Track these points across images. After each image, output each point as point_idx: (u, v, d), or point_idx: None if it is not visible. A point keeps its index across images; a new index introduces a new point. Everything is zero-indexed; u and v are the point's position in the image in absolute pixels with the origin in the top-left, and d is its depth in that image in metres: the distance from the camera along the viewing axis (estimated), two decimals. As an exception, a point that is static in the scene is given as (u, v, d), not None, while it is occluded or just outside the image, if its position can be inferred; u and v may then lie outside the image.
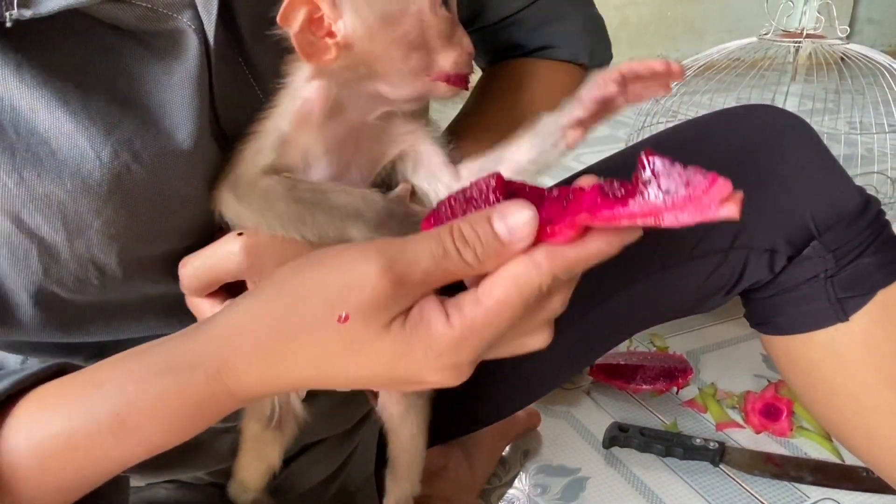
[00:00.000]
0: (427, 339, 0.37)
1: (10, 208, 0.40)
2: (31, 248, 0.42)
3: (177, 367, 0.38)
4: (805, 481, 0.94)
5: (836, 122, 1.83)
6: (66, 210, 0.41)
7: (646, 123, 1.60)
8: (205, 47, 0.44)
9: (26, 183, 0.40)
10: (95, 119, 0.41)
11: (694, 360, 1.20)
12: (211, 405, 0.39)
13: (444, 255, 0.36)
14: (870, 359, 0.67)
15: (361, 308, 0.36)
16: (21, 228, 0.41)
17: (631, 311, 0.73)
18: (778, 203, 0.66)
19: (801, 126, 0.69)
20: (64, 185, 0.41)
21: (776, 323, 0.71)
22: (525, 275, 0.36)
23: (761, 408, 1.05)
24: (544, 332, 0.42)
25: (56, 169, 0.40)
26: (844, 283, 0.66)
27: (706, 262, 0.68)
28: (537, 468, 0.98)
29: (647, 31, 3.71)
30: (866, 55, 1.53)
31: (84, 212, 0.42)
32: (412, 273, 0.36)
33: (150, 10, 0.43)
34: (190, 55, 0.44)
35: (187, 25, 0.44)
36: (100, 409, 0.39)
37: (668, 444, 0.98)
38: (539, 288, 0.37)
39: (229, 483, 0.60)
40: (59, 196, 0.41)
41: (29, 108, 0.40)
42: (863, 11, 4.12)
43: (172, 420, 0.39)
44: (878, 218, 0.67)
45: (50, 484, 0.40)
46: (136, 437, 0.39)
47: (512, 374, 0.78)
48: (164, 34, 0.44)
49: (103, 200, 0.42)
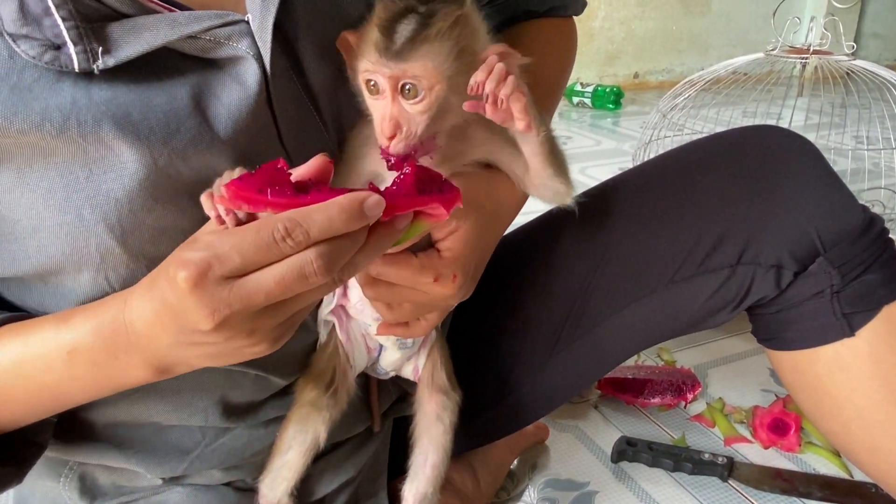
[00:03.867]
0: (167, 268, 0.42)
1: (76, 200, 0.47)
2: (90, 241, 0.48)
3: (115, 340, 0.47)
4: (814, 497, 0.94)
5: (842, 136, 1.83)
6: (122, 207, 0.47)
7: (652, 137, 1.61)
8: (263, 72, 0.50)
9: (94, 178, 0.46)
10: (155, 128, 0.47)
11: (702, 375, 1.20)
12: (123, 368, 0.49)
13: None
14: (876, 373, 0.67)
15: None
16: (82, 222, 0.47)
17: (638, 326, 0.73)
18: (783, 220, 0.67)
19: (804, 145, 0.70)
20: (124, 184, 0.47)
21: (782, 338, 0.71)
22: (266, 218, 0.41)
23: (769, 423, 1.05)
24: (260, 345, 0.45)
25: (118, 170, 0.46)
26: (850, 298, 0.66)
27: (713, 278, 0.69)
28: (545, 482, 0.97)
29: (652, 45, 3.72)
30: (872, 70, 1.53)
31: (138, 209, 0.48)
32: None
33: (212, 42, 0.48)
34: (249, 78, 0.49)
35: (246, 53, 0.49)
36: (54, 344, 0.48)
37: (676, 458, 0.98)
38: (277, 231, 0.40)
39: (260, 478, 0.62)
40: (116, 193, 0.47)
41: (94, 122, 0.45)
42: (868, 26, 4.13)
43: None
44: (882, 235, 0.68)
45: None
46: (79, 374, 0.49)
47: (520, 390, 0.78)
48: (225, 60, 0.49)
49: (154, 199, 0.48)
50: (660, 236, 0.70)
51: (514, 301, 0.77)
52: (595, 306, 0.73)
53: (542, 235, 0.78)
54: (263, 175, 0.41)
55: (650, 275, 0.71)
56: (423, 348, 0.66)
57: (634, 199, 0.73)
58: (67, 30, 0.43)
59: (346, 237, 0.41)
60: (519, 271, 0.77)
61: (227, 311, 0.41)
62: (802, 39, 1.67)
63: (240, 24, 0.49)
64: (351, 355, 0.63)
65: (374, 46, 0.48)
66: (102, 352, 0.48)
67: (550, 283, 0.75)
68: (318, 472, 0.68)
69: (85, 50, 0.43)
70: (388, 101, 0.49)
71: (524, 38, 0.77)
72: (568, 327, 0.74)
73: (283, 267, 0.40)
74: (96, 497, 0.65)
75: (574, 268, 0.74)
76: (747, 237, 0.67)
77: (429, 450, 0.66)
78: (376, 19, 0.48)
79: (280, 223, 0.40)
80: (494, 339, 0.78)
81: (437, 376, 0.66)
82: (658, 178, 0.74)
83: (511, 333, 0.77)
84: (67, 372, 0.49)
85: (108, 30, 0.45)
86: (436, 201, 0.44)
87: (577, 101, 3.25)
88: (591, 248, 0.73)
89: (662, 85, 3.67)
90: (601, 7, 3.51)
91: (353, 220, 0.40)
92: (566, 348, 0.75)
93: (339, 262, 0.41)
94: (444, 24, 0.48)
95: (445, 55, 0.48)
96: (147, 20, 0.46)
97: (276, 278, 0.40)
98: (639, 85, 3.74)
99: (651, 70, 3.79)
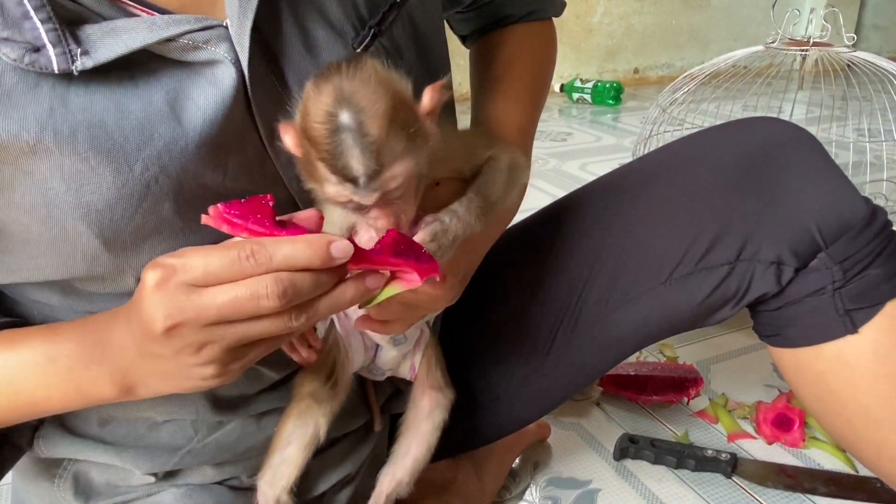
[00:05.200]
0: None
1: (59, 216, 0.47)
2: (76, 252, 0.49)
3: (90, 356, 0.49)
4: (819, 493, 0.93)
5: (844, 129, 1.82)
6: (103, 217, 0.48)
7: (652, 132, 1.60)
8: (241, 76, 0.50)
9: (73, 192, 0.47)
10: (129, 136, 0.47)
11: (704, 371, 1.20)
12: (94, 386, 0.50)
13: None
14: (880, 370, 0.66)
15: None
16: (66, 239, 0.48)
17: (636, 325, 0.72)
18: (783, 215, 0.66)
19: (805, 137, 0.69)
20: (102, 195, 0.47)
21: (784, 335, 0.70)
22: (238, 241, 0.43)
23: (773, 418, 1.04)
24: (208, 368, 0.46)
25: (95, 181, 0.47)
26: (853, 294, 0.65)
27: (712, 275, 0.68)
28: (548, 480, 0.97)
29: (652, 40, 3.71)
30: (873, 62, 1.52)
31: (118, 218, 0.48)
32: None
33: (190, 45, 0.48)
34: (225, 82, 0.49)
35: (224, 57, 0.49)
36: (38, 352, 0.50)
37: (679, 455, 0.97)
38: (244, 250, 0.41)
39: (259, 475, 0.62)
40: (97, 205, 0.47)
41: (70, 132, 0.45)
42: (868, 17, 4.11)
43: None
44: (886, 228, 0.66)
45: None
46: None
47: (515, 391, 0.78)
48: (203, 63, 0.49)
49: (135, 208, 0.48)
50: (656, 233, 0.69)
51: (508, 301, 0.76)
52: (591, 306, 0.73)
53: (536, 234, 0.78)
54: (249, 204, 0.43)
55: (647, 273, 0.70)
56: (418, 347, 0.65)
57: (630, 195, 0.72)
58: (46, 32, 0.43)
59: (308, 274, 0.42)
60: (512, 270, 0.76)
61: (179, 316, 0.42)
62: (802, 32, 1.65)
63: (218, 29, 0.49)
64: (349, 351, 0.63)
65: (344, 184, 0.44)
66: (78, 361, 0.49)
67: (544, 282, 0.74)
68: (315, 468, 0.67)
69: (64, 52, 0.44)
70: (380, 213, 0.47)
71: (503, 49, 0.77)
72: (563, 328, 0.74)
73: (238, 285, 0.41)
74: (90, 497, 0.65)
75: (569, 267, 0.73)
76: (746, 233, 0.66)
77: (413, 443, 0.66)
78: (323, 154, 0.44)
79: (248, 244, 0.41)
80: (488, 340, 0.78)
81: (431, 375, 0.66)
82: (654, 173, 0.73)
83: (505, 334, 0.77)
84: (44, 380, 0.50)
85: (87, 32, 0.45)
86: (410, 266, 0.45)
87: (577, 97, 3.25)
88: (586, 247, 0.72)
89: (662, 80, 3.66)
90: (600, 3, 3.50)
91: (316, 258, 0.42)
92: (562, 349, 0.75)
93: (296, 296, 0.42)
94: (385, 127, 0.44)
95: (409, 149, 0.45)
96: (126, 23, 0.46)
97: (229, 294, 0.41)
98: (639, 80, 3.73)
99: (651, 65, 3.77)
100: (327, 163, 0.44)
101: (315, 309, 0.44)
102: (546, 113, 3.16)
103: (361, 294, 0.45)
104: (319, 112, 0.44)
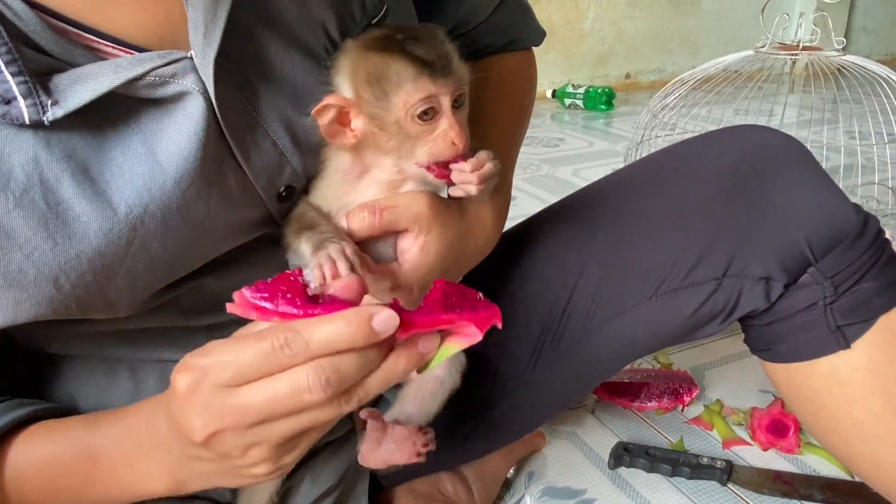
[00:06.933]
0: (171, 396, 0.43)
1: (50, 273, 0.46)
2: (71, 303, 0.48)
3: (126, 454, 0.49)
4: (815, 499, 0.92)
5: (835, 132, 1.82)
6: (94, 265, 0.47)
7: (644, 137, 1.60)
8: (210, 105, 0.49)
9: (60, 247, 0.45)
10: (110, 179, 0.46)
11: (699, 376, 1.19)
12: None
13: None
14: (874, 386, 0.65)
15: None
16: (60, 291, 0.47)
17: (621, 341, 0.71)
18: (771, 229, 0.64)
19: (793, 146, 0.67)
20: (90, 242, 0.46)
21: (776, 350, 0.69)
22: (269, 328, 0.40)
23: (768, 424, 1.04)
24: (259, 467, 0.44)
25: (82, 230, 0.46)
26: (844, 309, 0.64)
27: (699, 291, 0.67)
28: (542, 490, 0.96)
29: (643, 45, 3.72)
30: (863, 66, 1.53)
31: (109, 263, 0.47)
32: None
33: (158, 81, 0.47)
34: (196, 113, 0.48)
35: (192, 88, 0.48)
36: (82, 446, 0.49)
37: (674, 463, 0.96)
38: (277, 339, 0.39)
39: (239, 491, 0.61)
40: (87, 254, 0.46)
41: (55, 180, 0.45)
42: (858, 21, 4.13)
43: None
44: (878, 238, 0.65)
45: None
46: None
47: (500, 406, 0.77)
48: (173, 97, 0.48)
49: (124, 250, 0.47)
50: (643, 249, 0.68)
51: None
52: (575, 322, 0.71)
53: (518, 247, 0.76)
54: (277, 283, 0.40)
55: (632, 289, 0.68)
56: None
57: (614, 208, 0.71)
58: (17, 84, 0.43)
59: (352, 354, 0.39)
60: (495, 284, 0.75)
61: (218, 423, 0.39)
62: (792, 36, 1.66)
63: (184, 61, 0.48)
64: None
65: (422, 73, 0.50)
66: (121, 459, 0.48)
67: (527, 297, 0.73)
68: (297, 482, 0.66)
69: (35, 103, 0.44)
70: (450, 117, 0.52)
71: (482, 83, 0.77)
72: (547, 343, 0.73)
73: (276, 380, 0.38)
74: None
75: (551, 283, 0.72)
76: (733, 248, 0.65)
77: (411, 403, 0.64)
78: (395, 54, 0.50)
79: (281, 332, 0.38)
80: (471, 353, 0.77)
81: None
82: (639, 186, 0.72)
83: (490, 347, 0.76)
84: (86, 477, 0.49)
85: (56, 81, 0.45)
86: (465, 319, 0.40)
87: (569, 102, 3.25)
88: (569, 262, 0.71)
89: (654, 85, 3.67)
90: (591, 8, 3.51)
91: (359, 336, 0.38)
92: (547, 364, 0.74)
93: (342, 381, 0.39)
94: (445, 33, 0.53)
95: (463, 62, 0.53)
96: (92, 68, 0.46)
97: (267, 391, 0.38)
98: (630, 85, 3.73)
99: (642, 70, 3.78)
100: (402, 58, 0.49)
101: (365, 389, 0.40)
102: (538, 119, 3.17)
103: (415, 364, 0.41)
104: (380, 40, 0.51)
